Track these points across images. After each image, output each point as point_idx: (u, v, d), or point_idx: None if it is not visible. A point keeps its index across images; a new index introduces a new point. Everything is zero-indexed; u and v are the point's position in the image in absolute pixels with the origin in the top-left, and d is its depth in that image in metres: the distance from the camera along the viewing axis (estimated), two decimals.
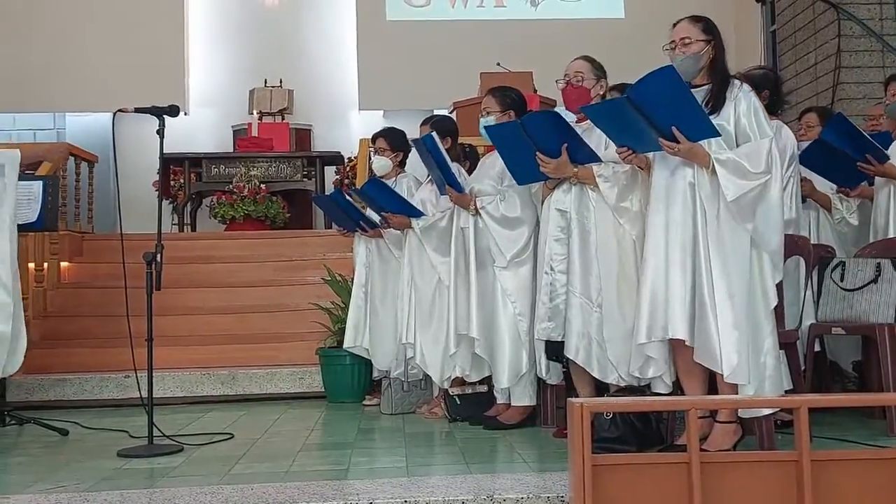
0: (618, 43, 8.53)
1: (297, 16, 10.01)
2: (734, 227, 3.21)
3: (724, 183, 3.17)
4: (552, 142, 3.69)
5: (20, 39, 9.23)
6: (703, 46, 3.36)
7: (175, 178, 8.71)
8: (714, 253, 3.21)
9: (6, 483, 3.38)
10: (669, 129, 3.17)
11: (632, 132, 3.29)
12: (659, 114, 3.16)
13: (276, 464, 3.50)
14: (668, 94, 3.12)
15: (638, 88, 3.15)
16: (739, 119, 3.29)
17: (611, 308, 3.64)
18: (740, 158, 3.19)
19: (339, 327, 5.52)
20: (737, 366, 3.16)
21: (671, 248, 3.29)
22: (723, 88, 3.34)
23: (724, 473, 2.54)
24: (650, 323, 3.31)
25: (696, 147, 3.20)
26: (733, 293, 3.18)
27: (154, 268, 3.89)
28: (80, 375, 5.72)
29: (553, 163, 3.71)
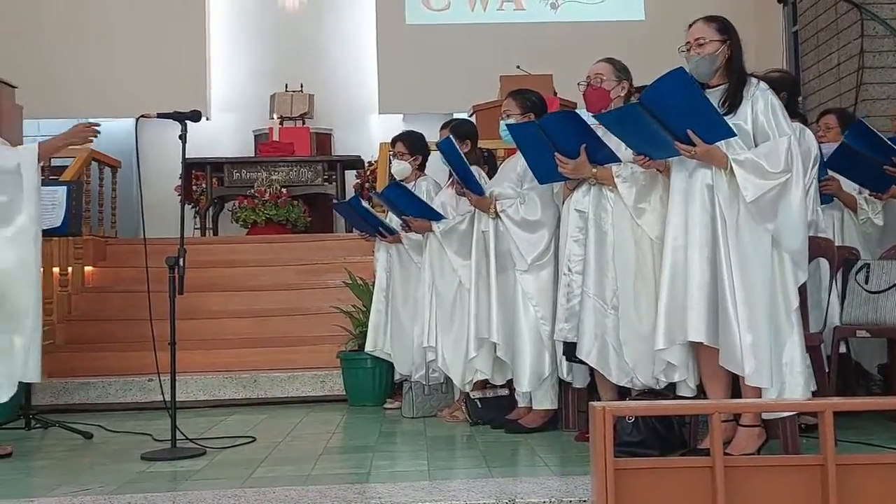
0: (638, 45, 8.49)
1: (318, 20, 10.05)
2: (754, 227, 3.19)
3: (742, 184, 3.15)
4: (571, 142, 3.68)
5: (44, 48, 9.32)
6: (718, 46, 3.34)
7: (197, 182, 8.76)
8: (734, 254, 3.19)
9: (31, 486, 3.42)
10: (684, 133, 3.15)
11: (647, 138, 3.28)
12: (673, 117, 3.14)
13: (297, 467, 3.51)
14: (680, 96, 3.10)
15: (650, 92, 3.14)
16: (757, 118, 3.26)
17: (627, 310, 3.62)
18: (759, 158, 3.17)
19: (360, 331, 5.53)
20: (758, 368, 3.13)
21: (690, 251, 3.27)
22: (739, 87, 3.31)
23: (748, 478, 2.52)
24: (668, 327, 3.30)
25: (712, 149, 3.18)
26: (754, 295, 3.16)
27: (177, 272, 3.92)
28: (104, 379, 5.76)
29: (572, 163, 3.70)
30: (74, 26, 9.54)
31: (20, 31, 9.22)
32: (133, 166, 7.57)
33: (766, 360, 3.14)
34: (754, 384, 3.17)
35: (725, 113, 3.27)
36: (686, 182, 3.32)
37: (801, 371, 3.22)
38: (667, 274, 3.33)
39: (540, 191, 4.13)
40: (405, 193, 4.75)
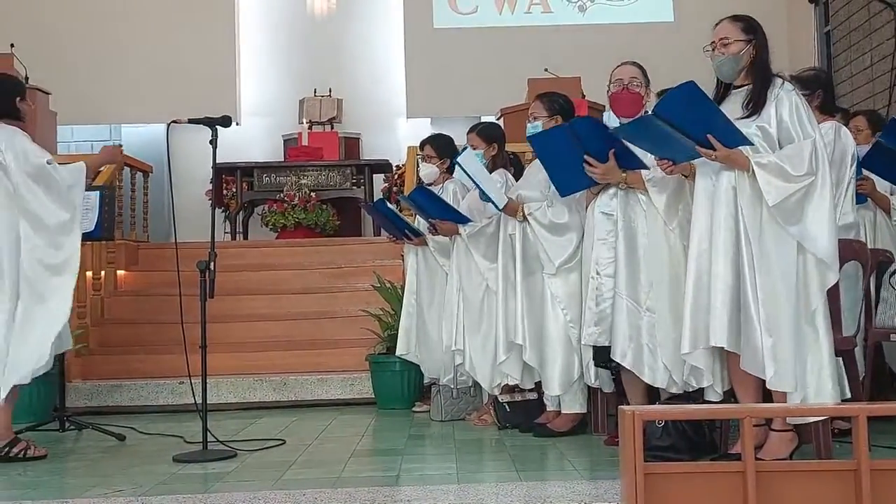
0: (668, 47, 8.46)
1: (346, 26, 10.11)
2: (778, 230, 3.15)
3: (764, 188, 3.11)
4: (601, 146, 3.67)
5: (77, 55, 9.46)
6: (742, 46, 3.31)
7: (227, 187, 8.84)
8: (757, 258, 3.15)
9: (66, 487, 3.46)
10: (704, 137, 3.13)
11: (667, 145, 3.27)
12: (690, 125, 3.13)
13: (327, 470, 3.53)
14: (693, 108, 3.09)
15: (662, 105, 3.13)
16: (782, 119, 3.22)
17: (663, 313, 3.60)
18: (782, 161, 3.13)
19: (388, 334, 5.55)
20: (780, 372, 3.10)
21: (714, 254, 3.24)
22: (764, 88, 3.28)
23: (780, 483, 2.50)
24: (693, 332, 3.28)
25: (733, 152, 3.15)
26: (776, 298, 3.12)
27: (207, 276, 3.96)
28: (137, 381, 5.83)
29: (602, 167, 3.68)
30: (107, 34, 9.67)
31: (54, 39, 9.35)
32: (164, 171, 7.64)
33: (788, 363, 3.11)
34: (776, 388, 3.13)
35: (749, 114, 3.24)
36: (710, 185, 3.30)
37: (831, 375, 3.18)
38: (692, 278, 3.31)
39: None
40: (432, 197, 4.75)
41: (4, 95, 4.15)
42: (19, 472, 3.74)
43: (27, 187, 3.99)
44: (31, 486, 3.45)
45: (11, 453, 3.95)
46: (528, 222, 4.22)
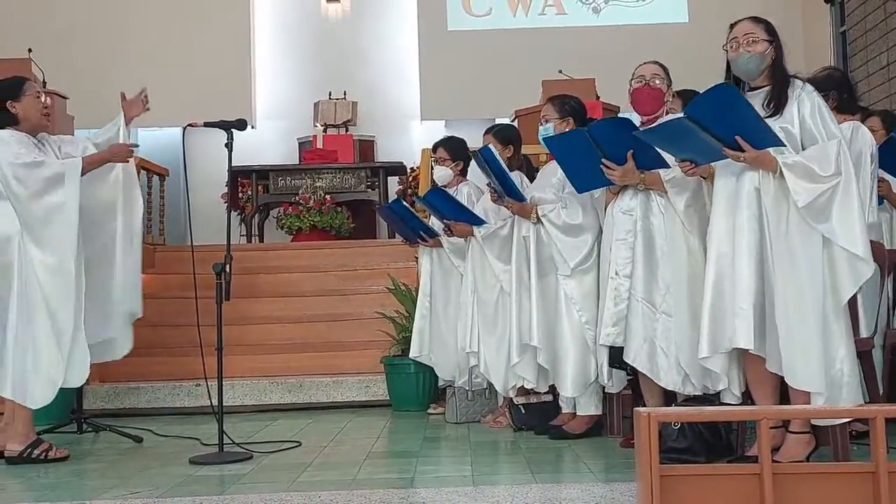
0: (682, 48, 8.42)
1: (360, 29, 10.14)
2: (804, 230, 3.14)
3: (793, 188, 3.10)
4: (619, 148, 3.66)
5: (94, 59, 9.53)
6: (766, 47, 3.31)
7: (243, 190, 8.88)
8: (783, 258, 3.14)
9: (84, 488, 3.49)
10: (733, 139, 3.12)
11: (692, 146, 3.24)
12: (720, 127, 3.10)
13: (342, 472, 3.54)
14: (727, 110, 3.07)
15: (695, 107, 3.11)
16: (804, 121, 3.21)
17: (681, 316, 3.59)
18: (809, 162, 3.12)
19: (403, 336, 5.56)
20: (809, 373, 3.08)
21: (737, 257, 3.22)
22: (783, 89, 3.27)
23: (797, 485, 2.49)
24: (713, 335, 3.25)
25: (762, 154, 3.13)
26: (804, 299, 3.10)
27: (223, 278, 3.98)
28: (153, 384, 5.87)
29: (619, 170, 3.67)
30: (123, 39, 9.74)
31: (70, 44, 9.43)
32: (180, 174, 7.69)
33: (818, 364, 3.09)
34: (807, 389, 3.11)
35: (770, 115, 3.23)
36: (732, 186, 3.28)
37: (851, 376, 3.16)
38: (711, 281, 3.28)
39: (581, 195, 4.11)
40: (447, 198, 4.76)
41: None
42: (39, 474, 3.77)
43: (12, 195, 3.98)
44: (51, 488, 3.48)
45: (33, 455, 3.98)
46: (542, 224, 4.22)
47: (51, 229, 4.01)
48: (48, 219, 4.01)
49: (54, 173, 4.03)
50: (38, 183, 4.00)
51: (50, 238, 4.01)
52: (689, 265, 3.61)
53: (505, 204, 4.34)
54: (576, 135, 3.83)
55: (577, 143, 3.74)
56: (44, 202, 4.00)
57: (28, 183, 3.99)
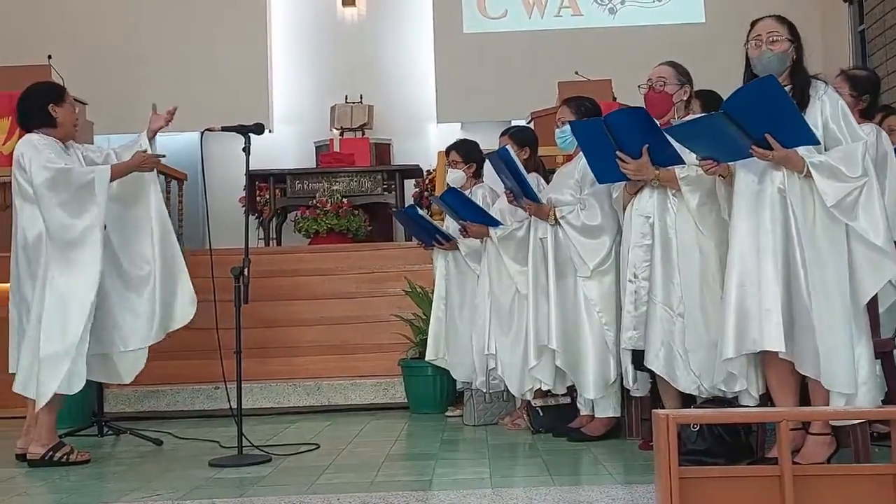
0: (698, 48, 8.39)
1: (376, 32, 10.16)
2: (830, 229, 3.12)
3: (821, 188, 3.08)
4: (635, 142, 3.64)
5: (113, 66, 9.59)
6: (789, 46, 3.29)
7: (261, 193, 8.91)
8: (810, 259, 3.12)
9: (105, 491, 3.52)
10: (762, 137, 3.10)
11: (718, 144, 3.22)
12: (754, 123, 3.08)
13: (360, 474, 3.55)
14: (767, 103, 3.04)
15: (735, 99, 3.07)
16: (828, 122, 3.20)
17: (693, 317, 3.57)
18: (836, 162, 3.10)
19: (420, 339, 5.56)
20: (838, 373, 3.06)
21: (762, 257, 3.20)
22: (805, 89, 3.25)
23: (818, 487, 2.47)
24: (738, 337, 3.22)
25: (790, 153, 3.11)
26: (833, 301, 3.09)
27: (242, 282, 4.00)
28: (173, 387, 5.90)
29: (633, 163, 3.65)
30: (141, 45, 9.81)
31: (89, 50, 9.50)
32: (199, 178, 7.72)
33: (845, 364, 3.07)
34: (844, 391, 3.08)
35: None
36: (754, 187, 3.26)
37: (870, 377, 3.13)
38: (734, 282, 3.25)
39: (600, 196, 4.10)
40: (463, 199, 4.77)
41: (38, 102, 4.19)
42: (61, 476, 3.81)
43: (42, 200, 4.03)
44: (72, 490, 3.51)
45: (55, 458, 4.02)
46: (560, 225, 4.21)
47: (76, 235, 4.05)
48: (75, 225, 4.05)
49: (84, 181, 4.08)
50: (68, 189, 4.05)
51: (75, 244, 4.04)
52: (701, 266, 3.59)
53: (522, 205, 4.34)
54: (595, 123, 3.81)
55: (597, 133, 3.72)
56: (72, 208, 4.04)
57: (58, 189, 4.04)
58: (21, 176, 4.08)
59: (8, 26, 9.51)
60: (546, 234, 4.28)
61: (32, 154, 4.06)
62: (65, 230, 4.03)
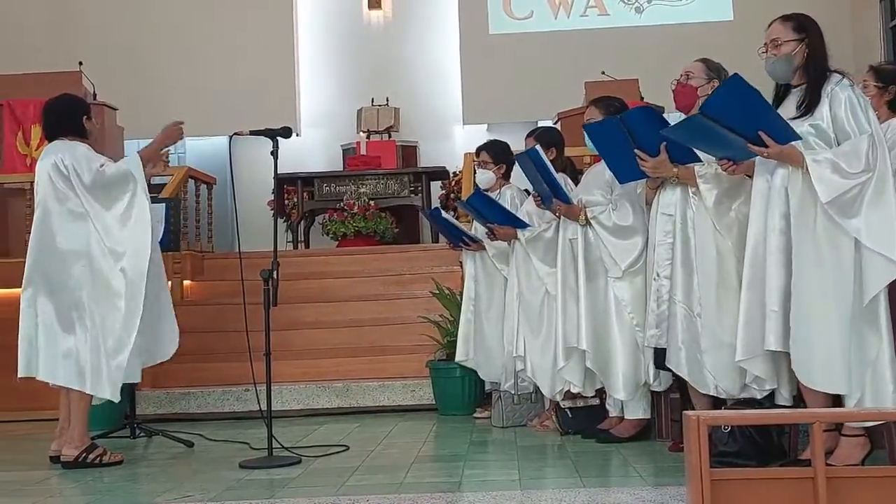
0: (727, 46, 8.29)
1: (402, 35, 10.19)
2: (832, 229, 3.08)
3: (817, 184, 3.05)
4: (652, 139, 3.63)
5: (142, 72, 9.69)
6: (794, 46, 3.26)
7: (289, 197, 8.97)
8: (808, 257, 3.09)
9: (138, 492, 3.56)
10: (756, 135, 3.08)
11: (722, 144, 3.22)
12: (740, 122, 3.08)
13: (390, 476, 3.56)
14: (741, 103, 3.04)
15: (711, 102, 3.10)
16: (836, 116, 3.16)
17: (710, 317, 3.55)
18: (837, 158, 3.07)
19: (448, 340, 5.56)
20: (829, 374, 3.04)
21: (768, 256, 3.20)
22: (817, 86, 3.21)
23: (851, 489, 2.44)
24: (746, 338, 3.24)
25: (786, 149, 3.10)
26: (828, 299, 3.06)
27: (271, 284, 4.03)
28: (203, 389, 5.95)
29: (652, 161, 3.64)
30: (170, 51, 9.90)
31: (119, 56, 9.59)
32: (227, 182, 7.80)
33: (840, 365, 3.04)
34: (823, 390, 3.09)
35: (804, 113, 3.18)
36: (766, 186, 3.25)
37: (893, 376, 3.08)
38: (746, 282, 3.27)
39: (632, 196, 4.08)
40: (489, 201, 4.76)
41: (73, 113, 4.29)
42: (94, 478, 3.85)
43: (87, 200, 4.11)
44: (105, 492, 3.55)
45: (88, 459, 4.07)
46: (591, 226, 4.19)
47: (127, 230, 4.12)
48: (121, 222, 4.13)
49: (122, 173, 4.15)
50: (112, 187, 4.12)
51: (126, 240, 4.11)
52: (718, 265, 3.56)
53: (552, 207, 4.31)
54: (612, 123, 3.80)
55: (615, 133, 3.72)
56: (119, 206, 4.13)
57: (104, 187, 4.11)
58: (59, 182, 4.12)
59: (39, 34, 9.65)
60: (576, 235, 4.26)
61: (81, 159, 4.14)
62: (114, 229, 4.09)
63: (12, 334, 4.26)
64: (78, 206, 4.11)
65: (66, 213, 4.13)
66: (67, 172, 4.11)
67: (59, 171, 4.12)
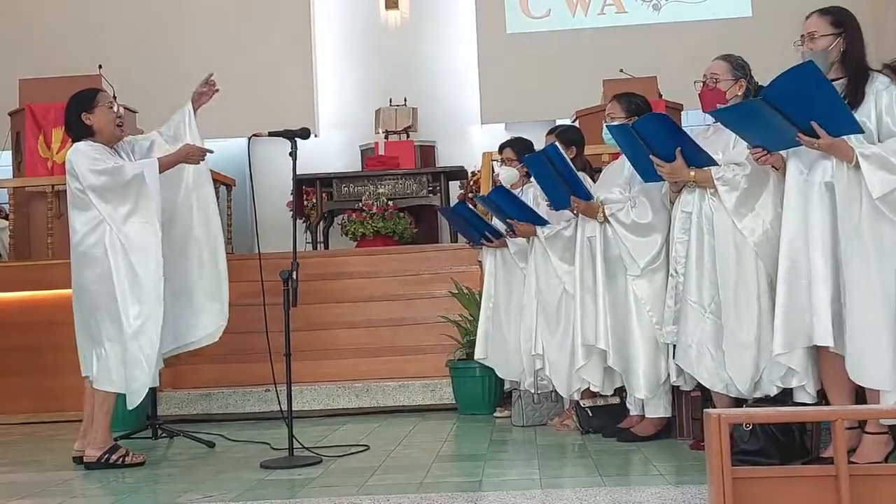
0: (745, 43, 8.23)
1: (419, 35, 10.19)
2: (878, 224, 3.05)
3: (868, 179, 3.02)
4: (666, 145, 3.62)
5: (161, 75, 9.74)
6: (831, 41, 3.23)
7: (308, 197, 9.00)
8: (856, 255, 3.06)
9: (159, 492, 3.58)
10: (808, 125, 3.04)
11: (766, 131, 3.19)
12: (797, 110, 3.03)
13: (410, 475, 3.56)
14: (807, 90, 2.99)
15: (775, 86, 3.03)
16: (881, 115, 3.13)
17: (728, 318, 3.53)
18: (888, 154, 3.03)
19: (467, 340, 5.56)
20: (878, 371, 3.01)
21: (812, 252, 3.16)
22: (860, 82, 3.18)
23: (875, 487, 2.42)
24: (788, 331, 3.19)
25: (837, 141, 3.06)
26: (875, 295, 3.02)
27: (290, 285, 4.04)
28: (224, 390, 5.98)
29: (668, 166, 3.65)
30: (189, 53, 9.94)
31: (138, 59, 9.67)
32: (246, 184, 7.84)
33: (889, 362, 3.01)
34: (874, 386, 3.04)
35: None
36: (802, 180, 3.22)
37: None
38: (784, 276, 3.22)
39: (651, 194, 4.06)
40: (509, 197, 4.76)
41: (71, 112, 4.28)
42: (117, 478, 3.88)
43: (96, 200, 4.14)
44: (128, 492, 3.58)
45: (111, 460, 4.10)
46: (610, 223, 4.18)
47: (136, 231, 4.14)
48: (132, 222, 4.14)
49: (133, 175, 4.16)
50: (120, 187, 4.14)
51: (135, 239, 4.13)
52: (738, 266, 3.54)
53: (571, 206, 4.30)
54: (623, 130, 3.79)
55: (631, 137, 3.71)
56: (127, 206, 4.14)
57: (112, 190, 4.13)
58: (73, 184, 4.18)
59: (59, 38, 9.73)
60: (594, 233, 4.24)
61: (80, 159, 4.16)
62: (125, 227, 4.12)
63: (37, 337, 4.31)
64: (89, 207, 4.14)
65: (79, 215, 4.17)
66: (75, 174, 4.16)
67: (72, 173, 4.18)
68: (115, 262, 4.10)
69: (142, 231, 4.14)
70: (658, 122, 3.68)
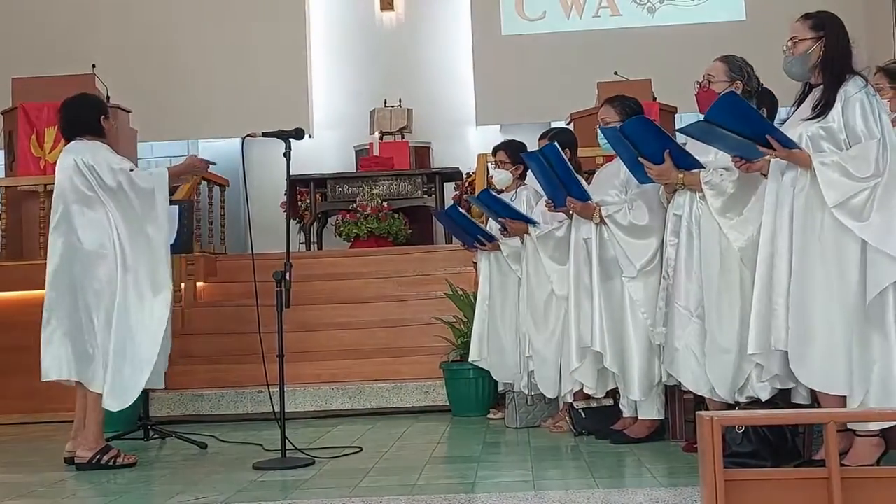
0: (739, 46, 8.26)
1: (414, 36, 10.19)
2: (836, 231, 3.08)
3: (824, 188, 3.06)
4: (654, 147, 3.64)
5: (155, 75, 9.74)
6: (810, 45, 3.25)
7: (301, 198, 8.98)
8: (814, 258, 3.09)
9: (151, 494, 3.57)
10: (763, 138, 3.11)
11: (732, 145, 3.27)
12: (743, 129, 3.14)
13: (403, 477, 3.56)
14: (739, 115, 3.12)
15: (709, 114, 3.17)
16: (847, 120, 3.14)
17: (711, 322, 3.55)
18: (845, 162, 3.07)
19: (461, 341, 5.56)
20: (832, 375, 3.05)
21: (777, 256, 3.20)
22: (834, 87, 3.20)
23: (866, 490, 2.42)
24: (758, 333, 3.26)
25: (794, 151, 3.12)
26: (831, 299, 3.06)
27: (283, 286, 4.04)
28: (217, 391, 5.96)
29: (657, 168, 3.67)
30: (183, 53, 9.93)
31: (132, 59, 9.64)
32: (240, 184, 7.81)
33: (842, 366, 3.05)
34: (826, 391, 3.09)
35: (818, 114, 3.17)
36: (777, 187, 3.27)
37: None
38: (758, 280, 3.28)
39: (647, 196, 4.07)
40: (496, 198, 4.79)
41: (90, 112, 4.31)
42: (108, 479, 3.87)
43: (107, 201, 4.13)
44: (120, 493, 3.57)
45: (102, 461, 4.09)
46: (606, 224, 4.18)
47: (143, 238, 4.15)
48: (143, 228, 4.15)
49: (147, 185, 4.18)
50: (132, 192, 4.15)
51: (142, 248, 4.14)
52: (722, 270, 3.54)
53: (566, 206, 4.29)
54: (612, 133, 3.81)
55: (620, 139, 3.74)
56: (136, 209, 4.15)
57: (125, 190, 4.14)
58: (78, 180, 4.15)
59: (53, 37, 9.69)
60: (590, 235, 4.24)
61: (104, 154, 4.17)
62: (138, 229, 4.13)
63: (29, 337, 4.29)
64: (99, 207, 4.13)
65: (86, 213, 4.15)
66: (89, 172, 4.14)
67: (80, 170, 4.15)
68: (121, 263, 4.10)
69: (146, 235, 4.13)
70: (643, 124, 3.71)
